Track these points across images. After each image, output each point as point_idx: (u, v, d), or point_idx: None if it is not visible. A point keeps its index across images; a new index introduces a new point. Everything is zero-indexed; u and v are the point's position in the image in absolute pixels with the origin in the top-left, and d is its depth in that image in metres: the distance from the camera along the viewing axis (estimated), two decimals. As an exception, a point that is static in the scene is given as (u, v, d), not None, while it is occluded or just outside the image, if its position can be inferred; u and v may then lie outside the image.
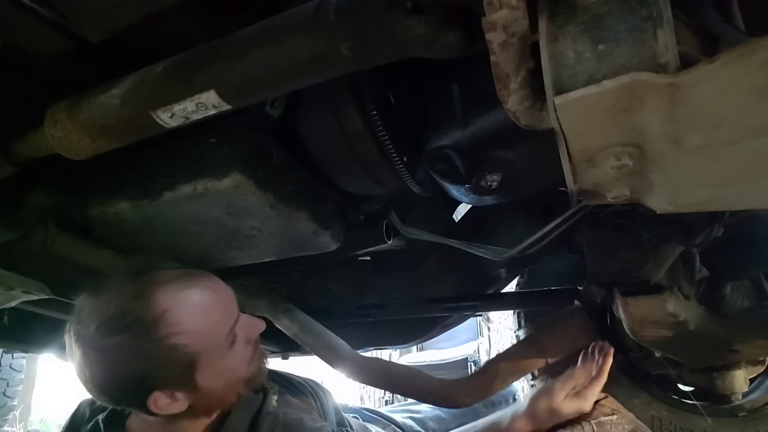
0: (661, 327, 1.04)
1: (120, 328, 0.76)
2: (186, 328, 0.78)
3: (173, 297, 0.80)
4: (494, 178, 0.86)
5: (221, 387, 0.85)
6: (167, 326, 0.77)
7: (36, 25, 0.67)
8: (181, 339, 0.78)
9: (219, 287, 0.87)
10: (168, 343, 0.77)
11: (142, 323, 0.77)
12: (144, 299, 0.78)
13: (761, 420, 1.38)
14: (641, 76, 0.44)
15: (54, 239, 0.93)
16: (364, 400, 5.05)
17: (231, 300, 0.89)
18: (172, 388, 0.80)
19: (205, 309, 0.82)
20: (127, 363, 0.77)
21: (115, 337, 0.76)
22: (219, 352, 0.83)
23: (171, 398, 0.80)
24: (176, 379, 0.80)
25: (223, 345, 0.83)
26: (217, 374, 0.83)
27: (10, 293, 0.94)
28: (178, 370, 0.79)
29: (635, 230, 0.90)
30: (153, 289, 0.79)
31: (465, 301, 1.32)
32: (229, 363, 0.85)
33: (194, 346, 0.79)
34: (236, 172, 0.78)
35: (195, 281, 0.84)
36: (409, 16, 0.58)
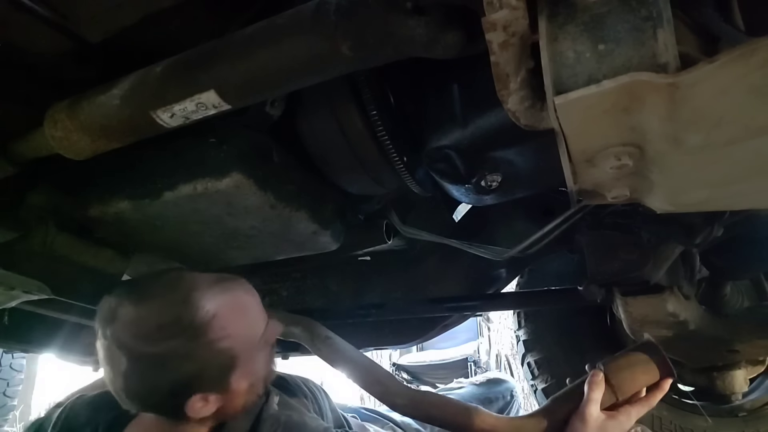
0: (661, 327, 1.04)
1: (172, 334, 0.76)
2: (233, 331, 0.80)
3: (219, 301, 0.81)
4: (494, 178, 0.86)
5: (246, 388, 0.86)
6: (216, 330, 0.78)
7: (36, 25, 0.67)
8: (228, 342, 0.80)
9: (252, 289, 0.89)
10: (217, 347, 0.79)
11: (194, 328, 0.77)
12: (191, 304, 0.79)
13: (761, 420, 1.38)
14: (641, 76, 0.44)
15: (54, 239, 0.93)
16: (364, 400, 5.05)
17: (260, 300, 0.91)
18: (209, 391, 0.81)
19: (248, 312, 0.85)
20: (177, 368, 0.77)
21: (167, 342, 0.76)
22: (254, 353, 0.85)
23: (204, 401, 0.81)
24: (215, 381, 0.81)
25: (257, 345, 0.85)
26: (247, 375, 0.85)
27: (10, 293, 0.94)
28: (218, 372, 0.81)
29: (635, 230, 0.90)
30: (197, 293, 0.80)
31: (465, 301, 1.32)
32: (259, 364, 0.87)
33: (238, 348, 0.81)
34: (236, 172, 0.78)
35: (233, 284, 0.86)
36: (409, 16, 0.58)
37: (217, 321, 0.79)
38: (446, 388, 1.73)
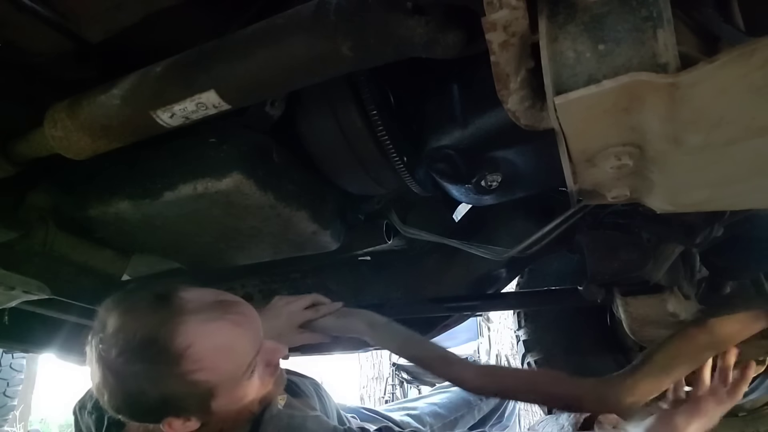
0: (661, 327, 1.04)
1: (143, 357, 0.74)
2: (208, 365, 0.76)
3: (198, 331, 0.77)
4: (494, 178, 0.86)
5: (235, 410, 0.84)
6: (189, 362, 0.75)
7: (36, 25, 0.67)
8: (201, 375, 0.76)
9: (245, 318, 0.83)
10: (189, 379, 0.76)
11: (165, 355, 0.75)
12: (169, 330, 0.75)
13: (761, 420, 1.38)
14: (641, 76, 0.44)
15: (54, 239, 0.94)
16: (363, 400, 5.06)
17: (255, 330, 0.85)
18: (187, 415, 0.80)
19: (228, 346, 0.79)
20: (147, 392, 0.76)
21: (137, 365, 0.74)
22: (238, 383, 0.81)
23: (185, 420, 0.80)
24: (192, 408, 0.79)
25: (242, 376, 0.81)
26: (233, 401, 0.83)
27: (10, 293, 0.94)
28: (195, 401, 0.78)
29: (635, 230, 0.90)
30: (179, 319, 0.76)
31: (465, 301, 1.32)
32: (248, 390, 0.84)
33: (214, 381, 0.78)
34: (236, 172, 0.78)
35: (222, 313, 0.80)
36: (409, 16, 0.58)
37: (192, 352, 0.75)
38: (443, 386, 1.73)
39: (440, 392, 1.66)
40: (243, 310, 0.84)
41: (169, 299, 0.79)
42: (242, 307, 0.84)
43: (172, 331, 0.75)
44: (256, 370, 0.84)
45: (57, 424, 6.04)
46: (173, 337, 0.75)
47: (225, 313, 0.80)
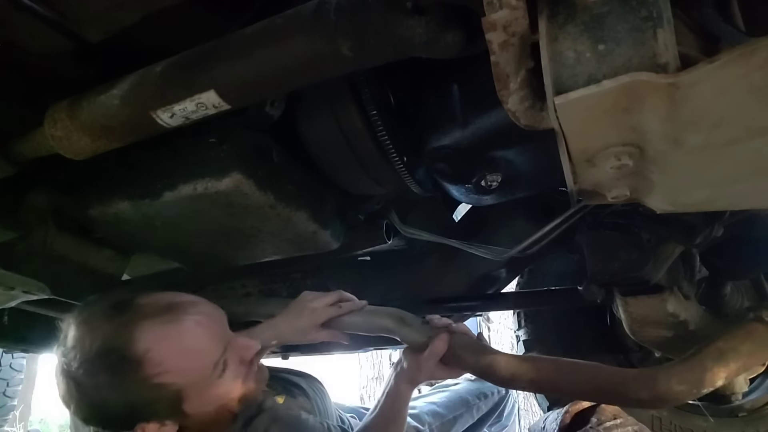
0: (661, 327, 1.04)
1: (103, 367, 0.74)
2: (170, 366, 0.76)
3: (156, 334, 0.76)
4: (494, 178, 0.86)
5: (213, 410, 0.83)
6: (151, 366, 0.75)
7: (36, 25, 0.67)
8: (166, 378, 0.76)
9: (205, 317, 0.82)
10: (152, 383, 0.75)
11: (124, 363, 0.74)
12: (126, 336, 0.75)
13: (761, 420, 1.38)
14: (641, 76, 0.44)
15: (54, 239, 0.94)
16: (363, 400, 5.06)
17: (219, 327, 0.84)
18: (160, 420, 0.79)
19: (189, 345, 0.79)
20: (111, 401, 0.75)
21: (97, 376, 0.74)
22: (208, 382, 0.80)
23: (160, 425, 0.79)
24: (163, 412, 0.78)
25: (210, 375, 0.80)
26: (207, 401, 0.82)
27: (10, 293, 0.94)
28: (164, 405, 0.78)
29: (635, 230, 0.90)
30: (136, 325, 0.76)
31: (465, 301, 1.32)
32: (221, 389, 0.82)
33: (180, 382, 0.77)
34: (236, 172, 0.78)
35: (179, 314, 0.79)
36: (409, 16, 0.58)
37: (151, 356, 0.75)
38: (442, 384, 1.74)
39: (439, 391, 1.66)
40: (202, 310, 0.83)
41: (125, 306, 0.78)
42: (201, 307, 0.83)
43: (129, 337, 0.75)
44: (228, 369, 0.83)
45: (57, 424, 6.04)
46: (131, 344, 0.74)
47: (183, 314, 0.80)
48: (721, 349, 0.78)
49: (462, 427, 1.59)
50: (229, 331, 0.87)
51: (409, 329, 0.95)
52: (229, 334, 0.86)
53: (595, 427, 1.02)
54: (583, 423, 1.07)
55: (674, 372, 0.77)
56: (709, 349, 0.79)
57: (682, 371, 0.77)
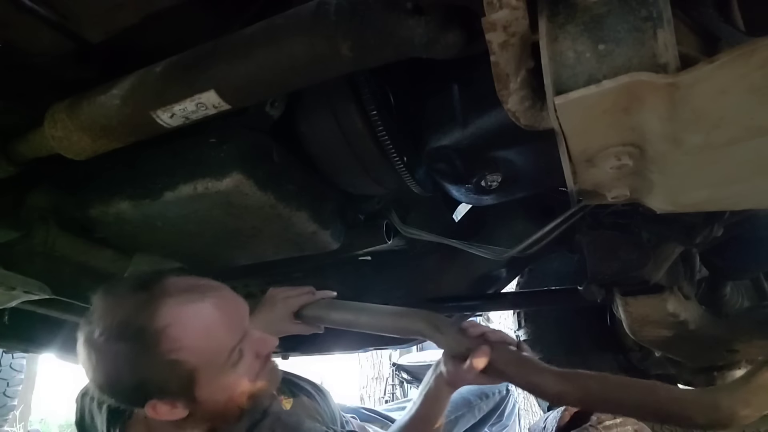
0: (661, 327, 1.04)
1: (123, 336, 0.76)
2: (187, 344, 0.77)
3: (177, 312, 0.78)
4: (494, 178, 0.86)
5: (223, 400, 0.84)
6: (168, 341, 0.76)
7: (36, 25, 0.67)
8: (181, 355, 0.77)
9: (227, 303, 0.84)
10: (168, 358, 0.76)
11: (143, 335, 0.76)
12: (149, 311, 0.77)
13: (761, 420, 1.38)
14: (641, 76, 0.44)
15: (55, 239, 0.94)
16: (363, 400, 5.06)
17: (239, 315, 0.85)
18: (171, 398, 0.80)
19: (208, 326, 0.80)
20: (126, 371, 0.77)
21: (117, 344, 0.76)
22: (221, 369, 0.81)
23: (171, 406, 0.80)
24: (175, 391, 0.79)
25: (226, 362, 0.81)
26: (218, 389, 0.82)
27: (11, 293, 0.94)
28: (176, 383, 0.79)
29: (635, 230, 0.90)
30: (159, 301, 0.78)
31: (465, 301, 1.32)
32: (233, 379, 0.83)
33: (194, 362, 0.78)
34: (236, 172, 0.78)
35: (202, 296, 0.81)
36: (409, 16, 0.58)
37: (170, 332, 0.76)
38: None
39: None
40: (224, 295, 0.84)
41: (151, 284, 0.80)
42: (224, 292, 0.85)
43: (151, 312, 0.77)
44: (243, 360, 0.83)
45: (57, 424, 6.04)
46: (152, 318, 0.76)
47: (204, 296, 0.81)
48: None
49: (464, 427, 1.59)
50: (248, 323, 0.88)
51: (444, 338, 0.93)
52: (248, 325, 0.87)
53: (595, 425, 1.02)
54: (582, 421, 1.07)
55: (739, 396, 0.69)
56: None
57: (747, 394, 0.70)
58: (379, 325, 1.00)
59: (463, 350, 0.88)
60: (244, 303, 0.88)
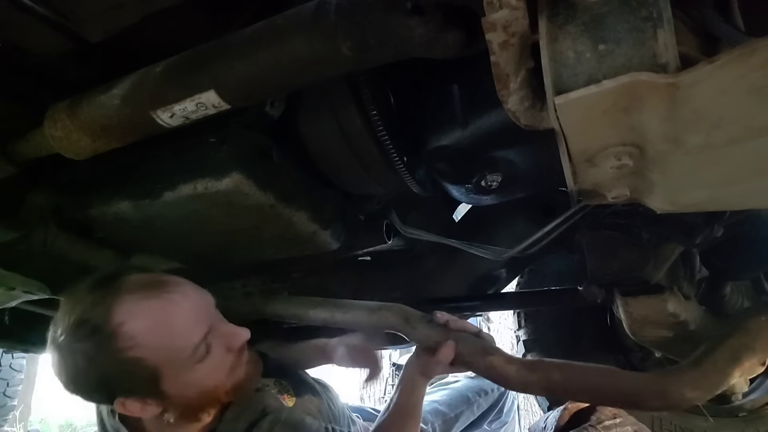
0: (661, 327, 1.04)
1: (80, 335, 0.76)
2: (142, 341, 0.76)
3: (131, 309, 0.77)
4: (494, 178, 0.86)
5: (195, 395, 0.83)
6: (124, 339, 0.76)
7: (36, 25, 0.67)
8: (138, 352, 0.76)
9: (185, 297, 0.82)
10: (125, 356, 0.76)
11: (99, 334, 0.76)
12: (103, 309, 0.77)
13: (761, 420, 1.38)
14: (641, 76, 0.44)
15: (54, 239, 0.94)
16: (363, 400, 5.06)
17: (202, 309, 0.84)
18: (139, 396, 0.80)
19: (164, 321, 0.79)
20: (87, 370, 0.77)
21: (75, 343, 0.76)
22: (186, 364, 0.80)
23: (142, 403, 0.80)
24: (140, 388, 0.79)
25: (190, 357, 0.80)
26: (187, 384, 0.82)
27: (10, 293, 0.94)
28: (140, 381, 0.78)
29: (635, 230, 0.90)
30: (113, 298, 0.78)
31: (465, 301, 1.32)
32: (201, 374, 0.82)
33: (154, 359, 0.77)
34: (236, 172, 0.78)
35: (158, 292, 0.80)
36: (409, 16, 0.58)
37: (125, 329, 0.76)
38: (442, 382, 1.74)
39: (439, 389, 1.66)
40: (184, 290, 0.83)
41: (108, 281, 0.80)
42: (183, 287, 0.84)
43: (105, 310, 0.77)
44: (211, 355, 0.82)
45: (57, 424, 6.04)
46: (107, 316, 0.76)
47: (162, 292, 0.80)
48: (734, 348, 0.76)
49: (463, 425, 1.60)
50: (216, 317, 0.87)
51: (415, 332, 0.95)
52: (215, 319, 0.86)
53: (595, 425, 1.02)
54: (582, 421, 1.06)
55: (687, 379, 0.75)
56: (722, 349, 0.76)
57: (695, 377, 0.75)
58: (353, 321, 1.01)
59: (431, 344, 0.91)
60: (208, 297, 0.87)
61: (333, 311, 1.04)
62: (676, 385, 0.75)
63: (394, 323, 0.97)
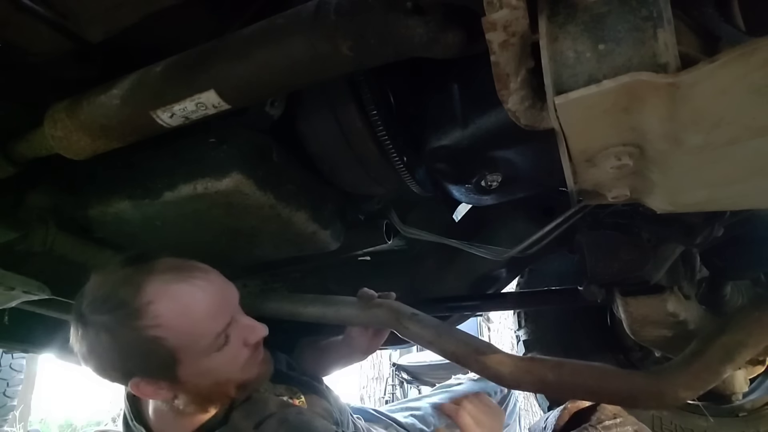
0: (662, 327, 1.04)
1: (105, 308, 0.78)
2: (166, 322, 0.78)
3: (161, 289, 0.79)
4: (494, 178, 0.86)
5: (207, 385, 0.84)
6: (148, 317, 0.77)
7: (36, 25, 0.67)
8: (160, 332, 0.77)
9: (213, 285, 0.85)
10: (147, 334, 0.77)
11: (125, 309, 0.77)
12: (133, 286, 0.78)
13: (761, 420, 1.38)
14: (641, 75, 0.44)
15: (54, 239, 0.93)
16: (363, 400, 5.06)
17: (227, 299, 0.86)
18: (153, 377, 0.81)
19: (190, 306, 0.80)
20: (107, 343, 0.78)
21: (100, 316, 0.78)
22: (204, 351, 0.81)
23: (155, 386, 0.81)
24: (155, 370, 0.80)
25: (209, 345, 0.81)
26: (201, 372, 0.82)
27: (10, 293, 0.94)
28: (157, 362, 0.79)
29: (635, 230, 0.90)
30: (145, 277, 0.79)
31: (465, 301, 1.32)
32: (216, 364, 0.83)
33: (174, 341, 0.79)
34: (236, 172, 0.78)
35: (189, 276, 0.82)
36: (409, 16, 0.58)
37: (151, 308, 0.77)
38: (444, 385, 1.74)
39: (442, 392, 1.66)
40: (212, 279, 0.85)
41: (139, 261, 0.83)
42: (212, 276, 0.86)
43: (135, 287, 0.78)
44: (229, 346, 0.84)
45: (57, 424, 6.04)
46: (136, 293, 0.78)
47: (191, 277, 0.82)
48: (726, 346, 0.76)
49: None
50: (237, 310, 0.88)
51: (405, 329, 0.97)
52: (237, 312, 0.87)
53: (595, 425, 1.02)
54: (582, 421, 1.07)
55: (680, 379, 0.76)
56: (714, 348, 0.77)
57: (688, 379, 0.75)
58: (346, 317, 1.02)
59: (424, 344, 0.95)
60: (233, 289, 0.89)
61: (325, 308, 1.05)
62: (670, 386, 0.76)
63: (386, 320, 0.98)
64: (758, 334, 0.77)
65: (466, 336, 0.93)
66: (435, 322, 0.98)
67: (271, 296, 1.17)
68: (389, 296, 1.06)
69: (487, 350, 0.88)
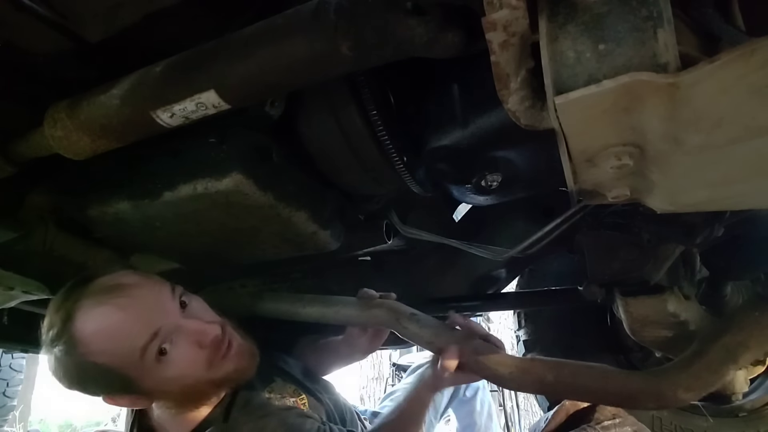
0: (662, 327, 1.04)
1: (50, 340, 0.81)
2: (96, 348, 0.79)
3: (86, 315, 0.81)
4: (494, 178, 0.86)
5: (178, 390, 0.85)
6: (83, 345, 0.79)
7: (36, 25, 0.67)
8: (97, 358, 0.79)
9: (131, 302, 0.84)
10: (88, 361, 0.79)
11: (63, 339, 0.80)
12: (66, 315, 0.81)
13: (761, 420, 1.38)
14: (641, 75, 0.44)
15: (54, 239, 0.94)
16: (363, 400, 5.05)
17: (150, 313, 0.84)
18: (119, 394, 0.83)
19: (110, 328, 0.81)
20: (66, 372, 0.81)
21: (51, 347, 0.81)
22: (146, 365, 0.81)
23: (129, 398, 0.83)
24: (117, 388, 0.82)
25: (141, 358, 0.81)
26: (163, 381, 0.83)
27: (9, 293, 0.94)
28: (112, 381, 0.81)
29: (635, 230, 0.90)
30: (74, 305, 0.81)
31: (465, 301, 1.32)
32: (173, 371, 0.83)
33: (112, 362, 0.80)
34: (236, 172, 0.78)
35: (110, 297, 0.83)
36: (409, 15, 0.58)
37: (80, 336, 0.79)
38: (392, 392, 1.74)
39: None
40: (132, 293, 0.85)
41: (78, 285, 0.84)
42: (135, 291, 0.85)
43: (68, 316, 0.81)
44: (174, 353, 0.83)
45: (57, 424, 6.04)
46: (70, 322, 0.80)
47: (110, 298, 0.83)
48: (728, 347, 0.76)
49: None
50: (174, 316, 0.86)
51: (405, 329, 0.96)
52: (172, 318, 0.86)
53: (594, 425, 1.02)
54: (581, 421, 1.07)
55: (680, 381, 0.75)
56: (716, 349, 0.76)
57: (688, 379, 0.75)
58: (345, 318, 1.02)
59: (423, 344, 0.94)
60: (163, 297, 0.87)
61: (324, 308, 1.05)
62: (670, 387, 0.76)
63: (385, 320, 0.98)
64: (759, 335, 0.76)
65: (465, 336, 0.93)
66: (434, 322, 0.99)
67: (270, 296, 1.17)
68: (389, 296, 1.06)
69: (487, 350, 0.88)
